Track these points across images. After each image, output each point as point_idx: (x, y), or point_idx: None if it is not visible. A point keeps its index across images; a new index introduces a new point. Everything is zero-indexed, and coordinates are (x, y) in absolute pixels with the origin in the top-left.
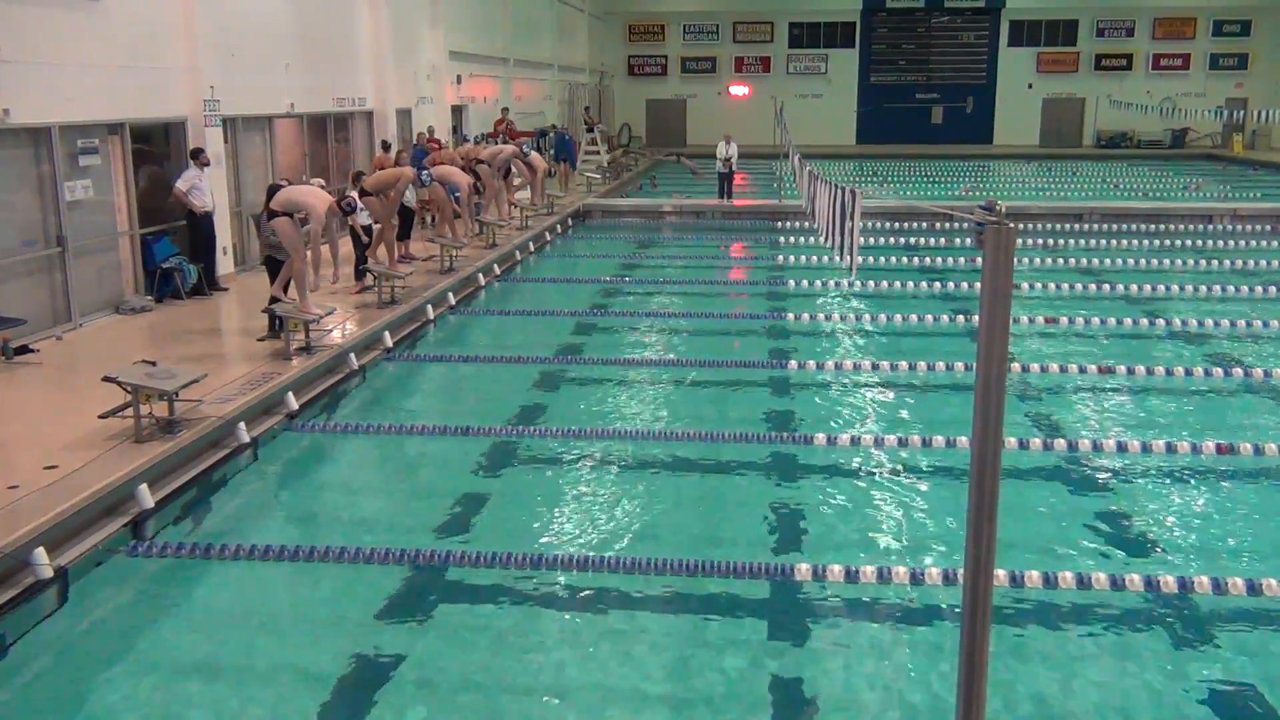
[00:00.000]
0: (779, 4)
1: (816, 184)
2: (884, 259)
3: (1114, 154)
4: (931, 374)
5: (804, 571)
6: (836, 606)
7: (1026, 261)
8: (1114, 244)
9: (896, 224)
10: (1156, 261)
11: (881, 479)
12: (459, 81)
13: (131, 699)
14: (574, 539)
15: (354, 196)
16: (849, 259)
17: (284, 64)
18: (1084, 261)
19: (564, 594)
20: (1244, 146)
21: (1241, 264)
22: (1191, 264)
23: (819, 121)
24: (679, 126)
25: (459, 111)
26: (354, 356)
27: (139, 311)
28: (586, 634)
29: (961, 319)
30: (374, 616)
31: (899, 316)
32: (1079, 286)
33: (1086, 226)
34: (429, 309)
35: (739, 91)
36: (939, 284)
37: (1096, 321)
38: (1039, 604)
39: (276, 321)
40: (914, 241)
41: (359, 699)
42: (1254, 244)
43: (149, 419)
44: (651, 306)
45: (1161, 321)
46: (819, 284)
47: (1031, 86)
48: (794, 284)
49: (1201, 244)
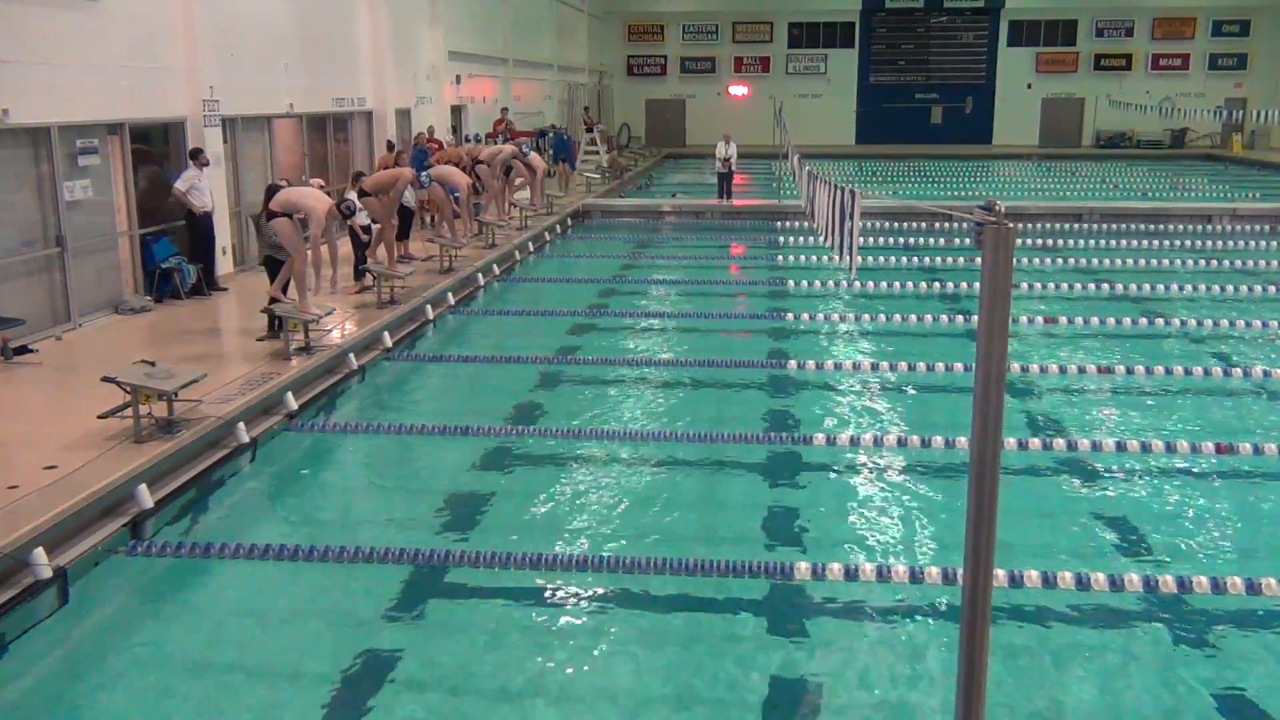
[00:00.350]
0: (778, 4)
1: (816, 184)
2: (883, 259)
3: (1113, 154)
4: (931, 374)
5: (803, 570)
6: (836, 605)
7: (1026, 261)
8: (1113, 244)
9: (896, 224)
10: (1156, 261)
11: (881, 479)
12: (458, 81)
13: (131, 698)
14: (573, 539)
15: (353, 200)
16: (848, 259)
17: (283, 64)
18: (1083, 261)
19: (563, 593)
20: (1243, 147)
21: (1241, 264)
22: (1191, 264)
23: (818, 121)
24: (678, 126)
25: (458, 111)
26: (353, 356)
27: (138, 311)
28: (586, 633)
29: (961, 319)
30: (373, 616)
31: (898, 316)
32: (1078, 286)
33: (1086, 226)
34: (428, 309)
35: (738, 91)
36: (938, 284)
37: (1096, 321)
38: (1038, 604)
39: (276, 321)
40: (913, 241)
41: (358, 698)
42: (1253, 244)
43: (148, 419)
44: (651, 307)
45: (1161, 321)
46: (818, 284)
47: (1031, 86)
48: (793, 284)
49: (1201, 244)
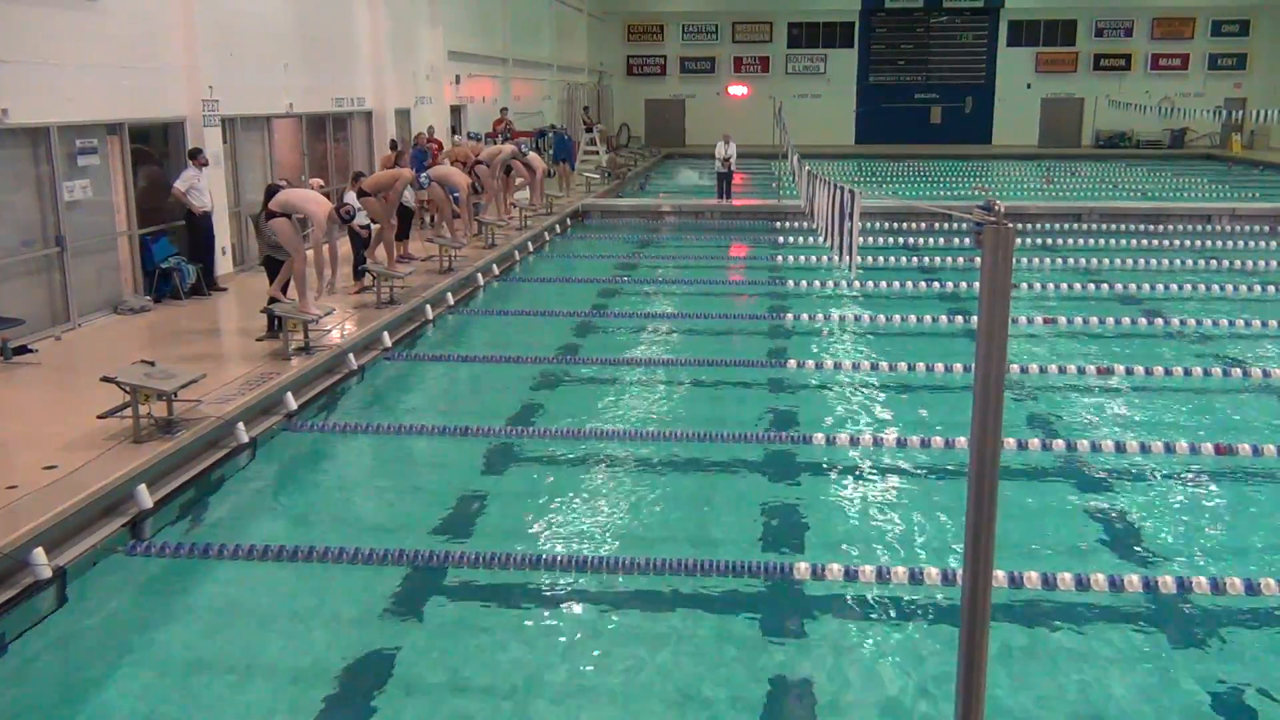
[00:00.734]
0: (778, 4)
1: (815, 184)
2: (883, 259)
3: (1113, 154)
4: (930, 374)
5: (803, 571)
6: (835, 605)
7: (1025, 261)
8: (1113, 244)
9: (895, 224)
10: (1155, 261)
11: (880, 479)
12: (458, 82)
13: (130, 698)
14: (572, 539)
15: (352, 205)
16: (848, 259)
17: (283, 64)
18: (1083, 261)
19: (562, 593)
20: (1242, 146)
21: (1240, 264)
22: (1190, 264)
23: (818, 121)
24: (678, 126)
25: (458, 111)
26: (353, 356)
27: (138, 311)
28: (585, 633)
29: (960, 319)
30: (372, 616)
31: (898, 316)
32: (1078, 286)
33: (1085, 226)
34: (428, 309)
35: (738, 91)
36: (938, 284)
37: (1095, 321)
38: (1038, 604)
39: (275, 321)
40: (913, 241)
41: (357, 698)
42: (1253, 244)
43: (148, 419)
44: (650, 306)
45: (1160, 321)
46: (818, 284)
47: (1030, 86)
48: (793, 284)
49: (1200, 244)
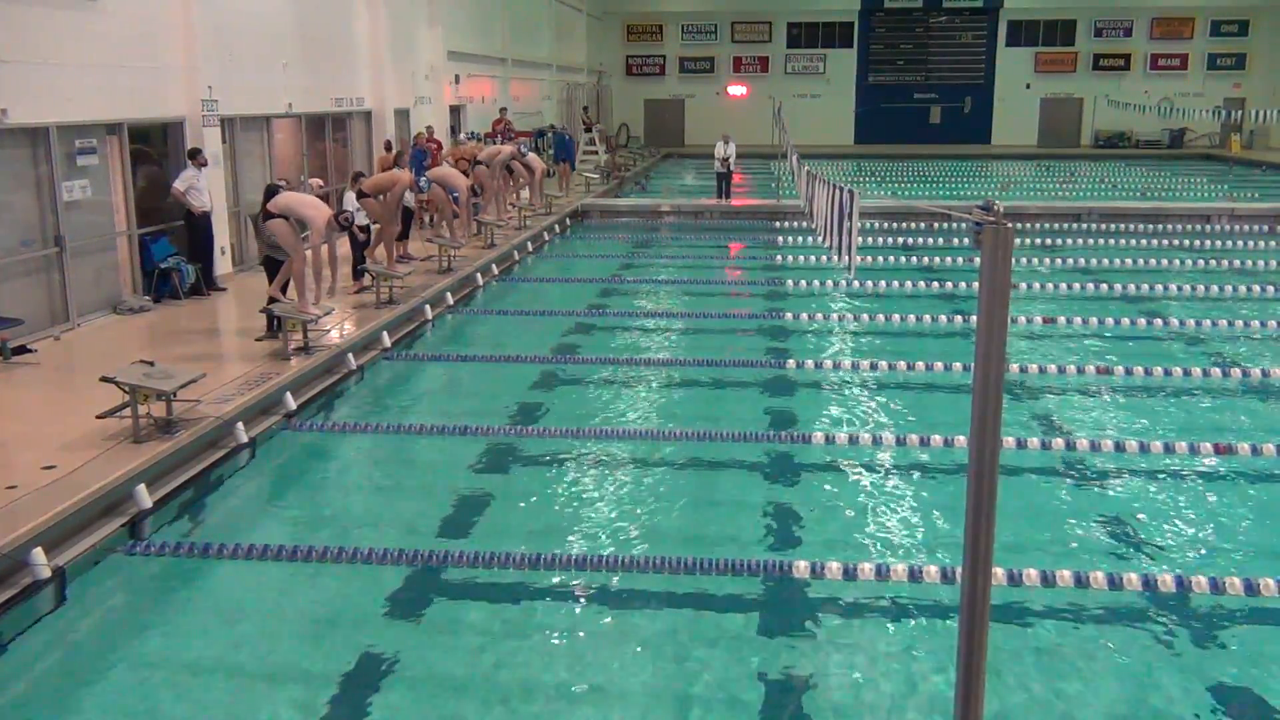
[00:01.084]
0: (777, 4)
1: (815, 184)
2: (882, 259)
3: (1112, 154)
4: (929, 373)
5: (802, 569)
6: (834, 604)
7: (1024, 261)
8: (1112, 244)
9: (895, 224)
10: (1155, 261)
11: (880, 478)
12: (457, 82)
13: (129, 698)
14: (572, 538)
15: (351, 212)
16: (847, 259)
17: (282, 64)
18: (1082, 261)
19: (562, 593)
20: (1242, 146)
21: (1239, 264)
22: (1189, 264)
23: (817, 121)
24: (677, 126)
25: (457, 111)
26: (352, 356)
27: (137, 311)
28: (584, 633)
29: (959, 319)
30: (371, 616)
31: (897, 316)
32: (1077, 286)
33: (1085, 226)
34: (427, 309)
35: (737, 91)
36: (937, 284)
37: (1094, 321)
38: (1037, 603)
39: (275, 321)
40: (912, 241)
41: (356, 698)
42: (1252, 244)
43: (147, 419)
44: (650, 306)
45: (1159, 321)
46: (817, 284)
47: (1030, 86)
48: (792, 284)
49: (1199, 244)
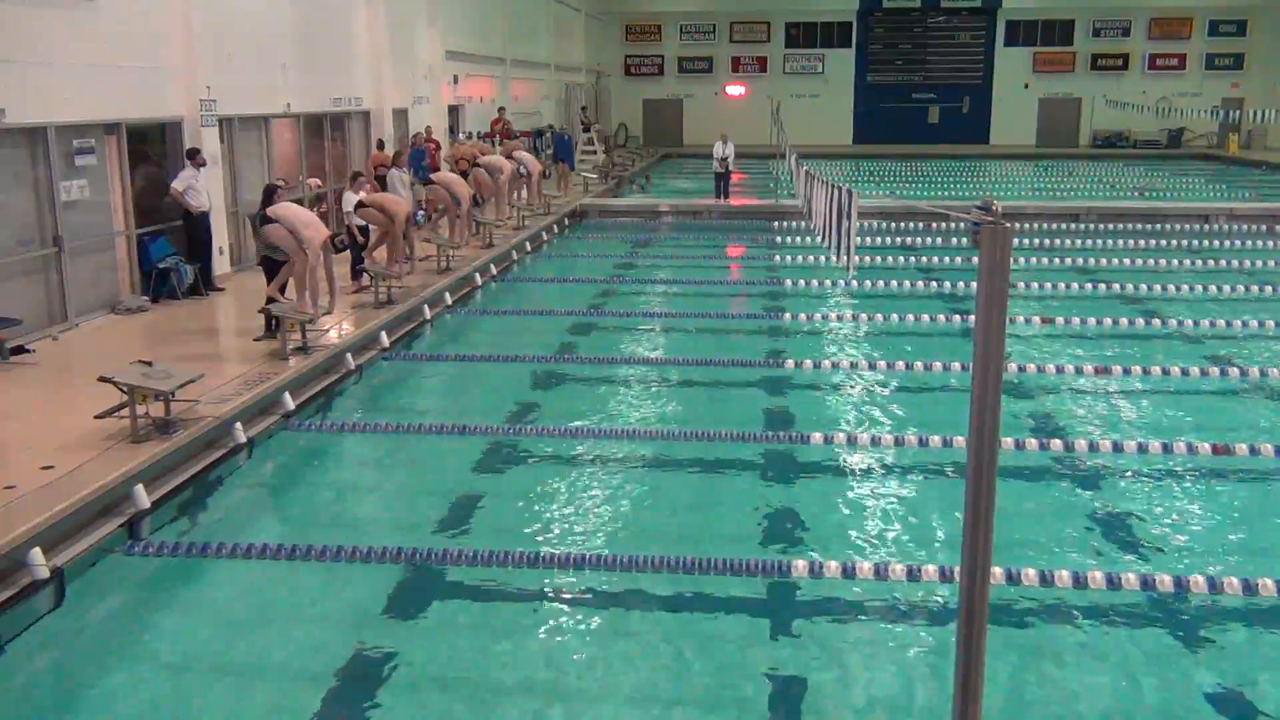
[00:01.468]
0: (775, 4)
1: (813, 184)
2: (881, 259)
3: (1110, 154)
4: (928, 373)
5: (800, 569)
6: (833, 604)
7: (1023, 261)
8: (1111, 244)
9: (893, 224)
10: (1153, 261)
11: (878, 478)
12: (455, 81)
13: (127, 698)
14: (570, 538)
15: (345, 236)
16: (846, 259)
17: (280, 64)
18: (1080, 261)
19: (561, 592)
20: (1240, 146)
21: (1238, 264)
22: (1188, 264)
23: (816, 121)
24: (675, 126)
25: (456, 111)
26: (350, 356)
27: (135, 311)
28: (583, 632)
29: (958, 319)
30: (370, 615)
31: (895, 316)
32: (1075, 286)
33: (1083, 226)
34: (426, 309)
35: (735, 91)
36: (936, 284)
37: (1093, 321)
38: (1036, 603)
39: (273, 321)
40: (911, 241)
41: (355, 697)
42: (1250, 244)
43: (145, 419)
44: (648, 306)
45: (1158, 321)
46: (816, 284)
47: (1028, 86)
48: (791, 284)
49: (1198, 244)
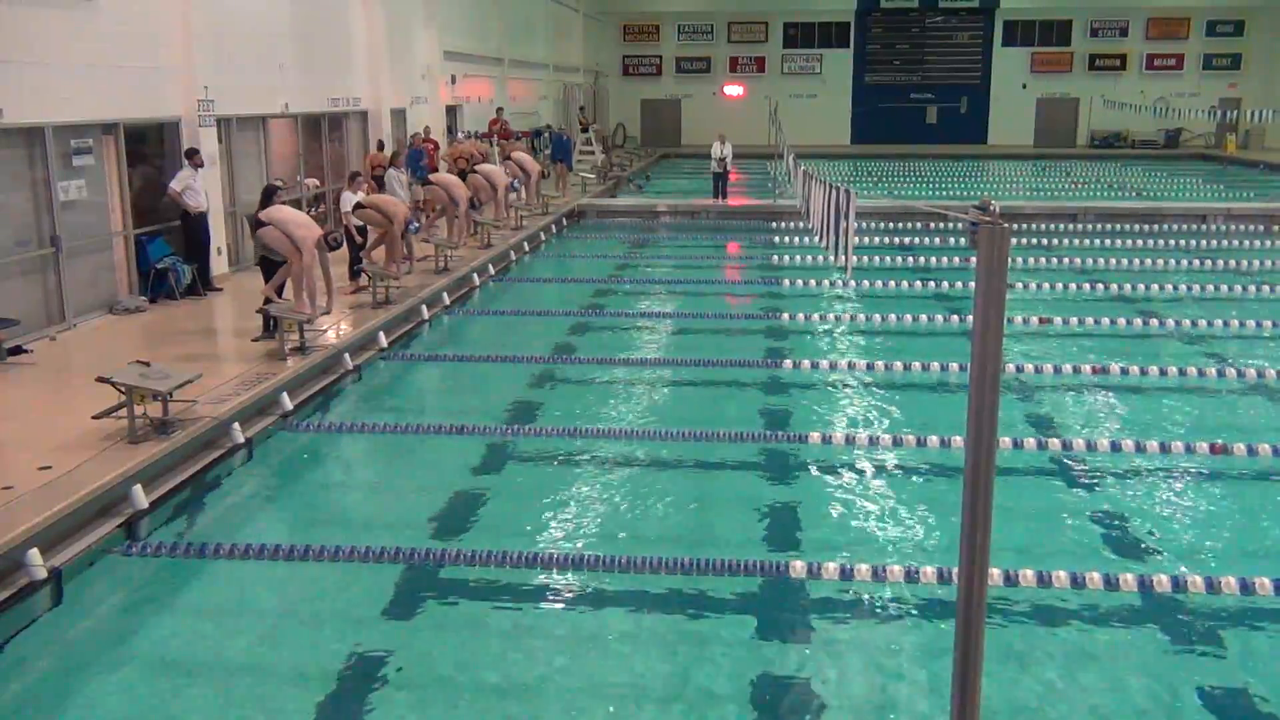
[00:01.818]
0: (774, 4)
1: (811, 184)
2: (878, 259)
3: (1108, 154)
4: (926, 374)
5: (799, 569)
6: (831, 604)
7: (1021, 261)
8: (1108, 244)
9: (891, 224)
10: (1151, 261)
11: (876, 478)
12: (453, 82)
13: (126, 698)
14: (569, 538)
15: (340, 234)
16: (843, 259)
17: (278, 64)
18: (1078, 261)
19: (559, 592)
20: (1237, 146)
21: (1236, 264)
22: (1186, 264)
23: (814, 121)
24: (674, 126)
25: (453, 111)
26: (348, 356)
27: (133, 312)
28: (581, 632)
29: (956, 319)
30: (368, 616)
31: (893, 316)
32: (1073, 286)
33: (1081, 226)
34: (424, 309)
35: (734, 91)
36: (933, 284)
37: (1091, 321)
38: (1034, 603)
39: (271, 322)
40: (908, 241)
41: (353, 698)
42: (1248, 244)
43: (143, 419)
44: (646, 306)
45: (1156, 321)
46: (813, 284)
47: (1026, 86)
48: (788, 284)
49: (1196, 244)
